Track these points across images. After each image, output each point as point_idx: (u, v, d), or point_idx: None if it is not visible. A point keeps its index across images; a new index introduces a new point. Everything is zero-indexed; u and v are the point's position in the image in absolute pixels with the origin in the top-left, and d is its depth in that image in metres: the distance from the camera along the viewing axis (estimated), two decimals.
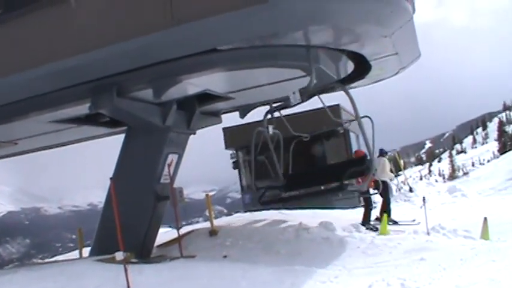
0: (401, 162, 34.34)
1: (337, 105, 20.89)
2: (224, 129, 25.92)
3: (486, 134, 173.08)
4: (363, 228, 13.73)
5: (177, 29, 8.49)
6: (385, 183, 14.85)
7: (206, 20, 8.22)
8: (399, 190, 25.28)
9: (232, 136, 26.15)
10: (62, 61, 9.37)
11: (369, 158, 11.33)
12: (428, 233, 12.15)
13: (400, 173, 27.61)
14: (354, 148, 26.38)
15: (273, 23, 8.39)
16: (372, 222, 14.59)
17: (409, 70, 13.12)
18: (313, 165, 22.37)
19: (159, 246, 12.73)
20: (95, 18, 9.32)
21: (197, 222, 17.48)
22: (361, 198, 16.42)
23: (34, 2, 9.82)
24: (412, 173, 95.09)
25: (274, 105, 12.09)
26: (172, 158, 11.85)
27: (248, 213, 19.13)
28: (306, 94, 10.89)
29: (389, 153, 19.44)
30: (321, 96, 12.47)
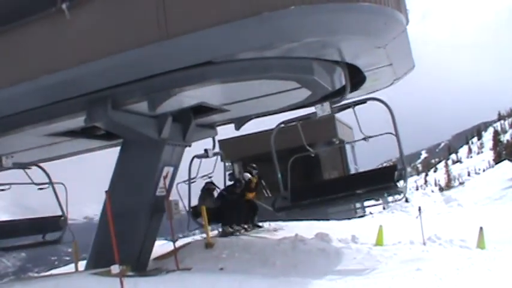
0: None
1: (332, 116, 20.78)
2: (220, 141, 25.91)
3: (481, 144, 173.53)
4: (359, 239, 13.65)
5: (171, 42, 8.55)
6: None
7: (200, 33, 8.28)
8: (395, 200, 25.21)
9: (228, 148, 26.10)
10: (56, 74, 9.40)
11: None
12: (424, 243, 12.13)
13: None
14: (350, 159, 26.34)
15: (267, 35, 8.44)
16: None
17: (404, 80, 13.16)
18: (308, 177, 22.22)
19: (155, 259, 12.68)
20: (89, 31, 9.36)
21: (193, 234, 17.36)
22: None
23: (27, 16, 9.85)
24: (407, 183, 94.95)
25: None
26: (167, 170, 11.83)
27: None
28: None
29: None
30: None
